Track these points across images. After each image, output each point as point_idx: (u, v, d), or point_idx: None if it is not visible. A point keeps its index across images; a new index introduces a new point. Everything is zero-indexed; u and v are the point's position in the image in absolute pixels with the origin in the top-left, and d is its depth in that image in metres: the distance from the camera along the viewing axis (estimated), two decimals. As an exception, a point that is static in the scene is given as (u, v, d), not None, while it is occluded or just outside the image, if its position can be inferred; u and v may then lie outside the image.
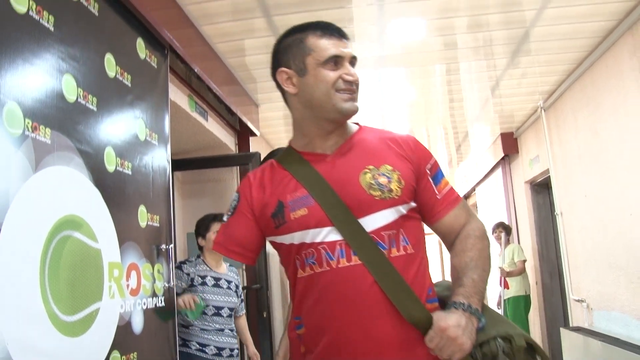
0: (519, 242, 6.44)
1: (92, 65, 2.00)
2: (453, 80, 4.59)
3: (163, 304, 2.45)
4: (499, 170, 7.01)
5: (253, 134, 4.49)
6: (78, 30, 1.92)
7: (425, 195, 1.36)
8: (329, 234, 1.27)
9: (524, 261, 5.81)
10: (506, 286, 5.85)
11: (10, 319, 1.44)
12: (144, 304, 2.26)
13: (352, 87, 1.31)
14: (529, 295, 5.77)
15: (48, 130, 1.67)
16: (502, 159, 6.77)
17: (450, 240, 1.39)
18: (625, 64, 3.59)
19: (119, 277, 2.06)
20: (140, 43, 2.45)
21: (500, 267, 5.93)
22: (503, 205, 6.94)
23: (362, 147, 1.36)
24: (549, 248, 5.98)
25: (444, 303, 1.29)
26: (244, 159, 4.20)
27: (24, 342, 1.48)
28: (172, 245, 2.57)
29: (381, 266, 1.24)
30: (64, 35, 1.82)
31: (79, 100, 1.88)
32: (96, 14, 2.07)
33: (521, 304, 5.69)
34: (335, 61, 1.31)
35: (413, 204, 1.33)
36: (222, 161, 4.24)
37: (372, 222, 1.27)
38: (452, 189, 1.40)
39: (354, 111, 1.33)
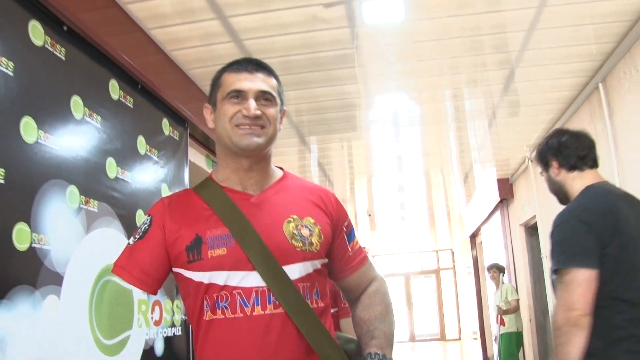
0: (516, 282, 6.86)
1: (127, 147, 2.62)
2: (463, 136, 5.29)
3: (180, 333, 3.00)
4: (498, 213, 7.48)
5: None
6: (118, 123, 2.55)
7: (339, 252, 1.36)
8: (245, 279, 1.21)
9: (518, 300, 6.23)
10: (502, 323, 6.26)
11: (68, 342, 2.01)
12: (165, 332, 2.82)
13: (250, 122, 1.26)
14: (521, 332, 6.16)
15: (96, 202, 2.27)
16: (501, 202, 7.25)
17: (356, 295, 1.39)
18: (586, 128, 4.09)
19: (146, 311, 2.63)
20: (165, 122, 3.08)
21: (497, 306, 6.35)
22: (502, 246, 7.38)
23: (287, 195, 1.33)
24: (542, 288, 6.36)
25: (348, 356, 1.28)
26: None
27: (76, 359, 2.05)
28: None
29: (306, 315, 1.22)
30: (108, 128, 2.45)
31: (117, 176, 2.49)
32: (131, 106, 2.70)
33: (513, 340, 6.10)
34: (238, 95, 1.28)
35: (326, 260, 1.33)
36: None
37: (291, 272, 1.24)
38: (360, 247, 1.42)
39: (253, 146, 1.27)
